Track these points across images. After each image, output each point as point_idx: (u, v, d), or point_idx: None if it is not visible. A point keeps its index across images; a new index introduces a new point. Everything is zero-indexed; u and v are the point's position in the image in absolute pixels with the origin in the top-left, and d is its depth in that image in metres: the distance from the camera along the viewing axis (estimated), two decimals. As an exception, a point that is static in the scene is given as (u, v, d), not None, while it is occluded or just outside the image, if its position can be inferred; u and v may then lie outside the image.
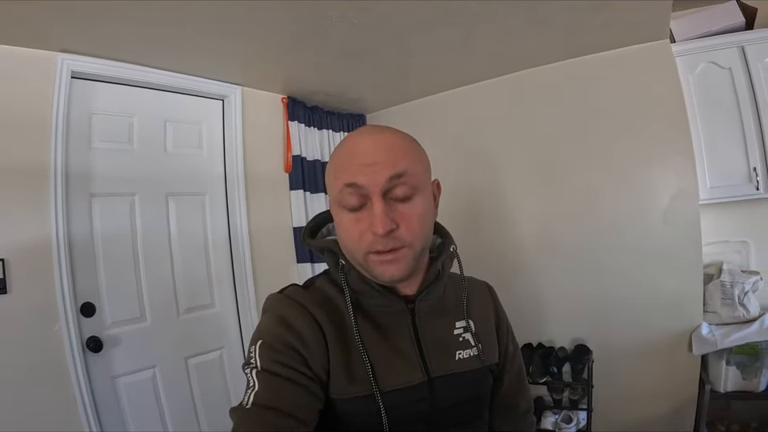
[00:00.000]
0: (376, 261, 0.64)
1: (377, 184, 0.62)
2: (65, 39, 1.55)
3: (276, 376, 0.61)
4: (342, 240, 0.68)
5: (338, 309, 0.70)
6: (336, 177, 0.65)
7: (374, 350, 0.67)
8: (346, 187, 0.63)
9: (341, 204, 0.65)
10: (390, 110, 2.67)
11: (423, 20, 1.64)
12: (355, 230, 0.64)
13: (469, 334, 0.75)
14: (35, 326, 1.51)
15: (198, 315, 1.98)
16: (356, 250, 0.65)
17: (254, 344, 0.65)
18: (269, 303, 0.70)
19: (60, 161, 1.59)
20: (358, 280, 0.69)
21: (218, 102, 2.14)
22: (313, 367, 0.64)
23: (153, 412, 1.80)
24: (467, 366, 0.73)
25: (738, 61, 1.88)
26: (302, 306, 0.67)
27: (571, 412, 2.06)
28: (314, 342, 0.65)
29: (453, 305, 0.77)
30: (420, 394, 0.68)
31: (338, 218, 0.67)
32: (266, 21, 1.56)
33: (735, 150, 1.88)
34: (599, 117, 2.09)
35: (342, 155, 0.66)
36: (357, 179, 0.62)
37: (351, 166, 0.63)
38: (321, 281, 0.74)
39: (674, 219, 1.96)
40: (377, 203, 0.62)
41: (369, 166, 0.62)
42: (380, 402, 0.64)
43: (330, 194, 0.69)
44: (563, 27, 1.81)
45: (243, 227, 2.09)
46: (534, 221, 2.25)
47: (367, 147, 0.64)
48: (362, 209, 0.64)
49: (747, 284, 1.86)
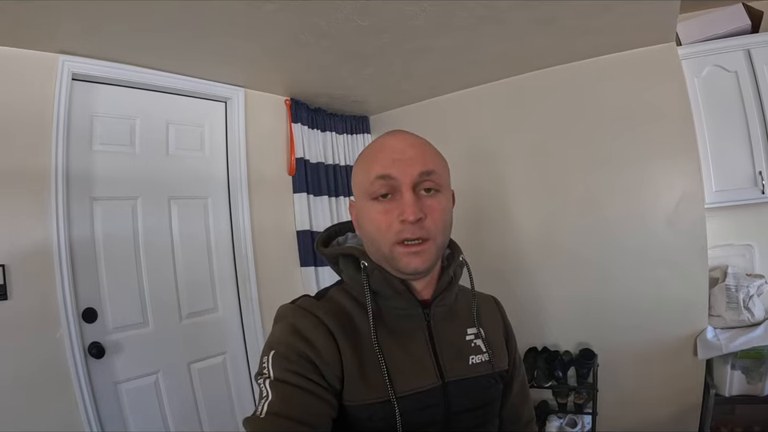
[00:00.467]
0: (402, 252, 0.67)
1: (408, 175, 0.66)
2: (65, 40, 1.53)
3: (289, 385, 0.61)
4: (369, 233, 0.69)
5: (351, 318, 0.70)
6: (368, 170, 0.68)
7: (390, 354, 0.68)
8: (378, 179, 0.67)
9: (371, 195, 0.68)
10: (393, 112, 2.65)
11: (428, 22, 1.63)
12: (384, 220, 0.67)
13: (480, 340, 0.77)
14: (36, 333, 1.49)
15: (200, 320, 1.96)
16: (383, 240, 0.67)
17: (267, 354, 0.65)
18: (281, 313, 0.71)
19: (61, 164, 1.57)
20: (380, 281, 0.70)
21: (221, 104, 2.12)
22: (326, 376, 0.64)
23: (156, 418, 1.78)
24: (480, 371, 0.74)
25: (744, 64, 1.88)
26: (315, 315, 0.68)
27: (576, 416, 2.05)
28: (327, 350, 0.65)
29: (464, 312, 0.79)
30: (434, 398, 0.69)
31: (365, 211, 0.69)
32: (270, 22, 1.54)
33: (741, 153, 1.88)
34: (604, 119, 2.09)
35: (374, 151, 0.70)
36: (389, 171, 0.66)
37: (384, 159, 0.67)
38: (334, 291, 0.75)
39: (680, 223, 1.96)
40: (407, 192, 0.66)
41: (401, 160, 0.67)
42: (396, 406, 0.65)
43: (358, 189, 0.72)
44: (569, 30, 1.80)
45: (246, 231, 2.07)
46: (539, 223, 2.24)
47: (399, 144, 0.69)
48: (391, 200, 0.67)
49: (752, 288, 1.87)
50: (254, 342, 2.05)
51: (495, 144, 2.33)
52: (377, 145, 0.71)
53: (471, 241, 2.30)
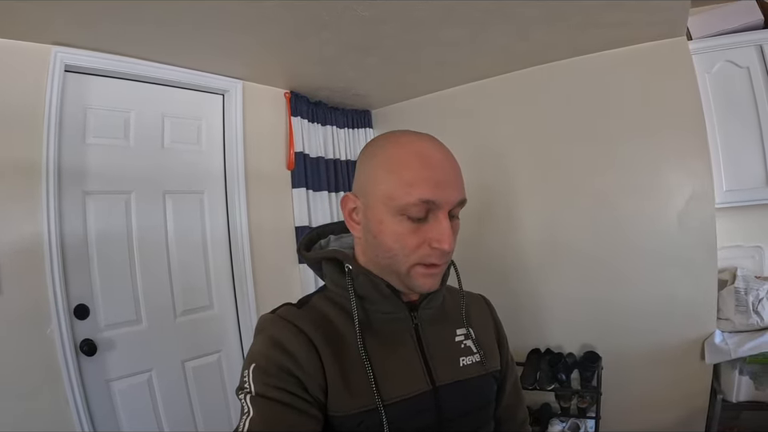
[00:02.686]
0: (421, 273, 0.65)
1: (448, 203, 0.64)
2: (58, 31, 1.49)
3: (271, 401, 0.60)
4: (387, 246, 0.65)
5: (334, 326, 0.68)
6: (411, 186, 0.62)
7: (377, 360, 0.66)
8: (421, 202, 0.62)
9: (404, 213, 0.63)
10: (396, 106, 2.60)
11: (432, 14, 1.58)
12: (412, 240, 0.63)
13: (470, 341, 0.76)
14: (27, 329, 1.46)
15: (195, 317, 1.93)
16: (404, 259, 0.64)
17: (248, 368, 0.63)
18: (260, 325, 0.68)
19: (53, 157, 1.53)
20: (366, 285, 0.68)
21: (219, 96, 2.08)
22: (309, 388, 0.62)
23: (149, 417, 1.75)
24: (471, 373, 0.73)
25: (756, 60, 1.82)
26: (295, 326, 0.65)
27: (579, 420, 2.01)
28: (309, 362, 0.63)
29: (452, 313, 0.78)
30: (425, 404, 0.67)
31: (389, 224, 0.64)
32: (269, 12, 1.49)
33: (752, 152, 1.83)
34: (612, 116, 2.03)
35: (414, 164, 0.63)
36: (434, 197, 0.62)
37: (428, 180, 0.62)
38: (317, 298, 0.73)
39: (689, 223, 1.91)
40: (444, 221, 0.63)
41: (443, 183, 0.63)
42: (383, 414, 0.63)
43: (380, 196, 0.64)
44: (576, 23, 1.75)
45: (243, 226, 2.03)
46: (544, 222, 2.19)
47: (439, 162, 0.64)
48: (423, 221, 0.64)
49: (762, 291, 1.81)
50: (249, 340, 1.97)
51: (501, 140, 2.28)
52: (416, 155, 0.64)
53: (474, 239, 2.28)
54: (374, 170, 0.66)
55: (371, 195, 0.66)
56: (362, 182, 0.68)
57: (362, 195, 0.67)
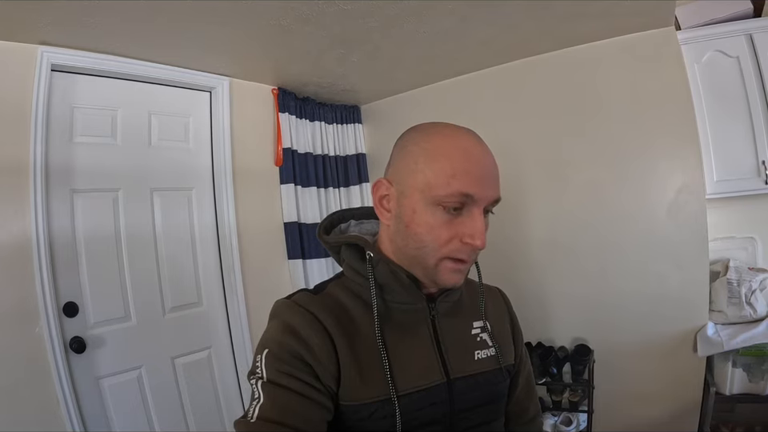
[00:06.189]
0: (449, 267, 0.64)
1: (486, 200, 0.63)
2: (45, 31, 1.49)
3: (282, 388, 0.59)
4: (419, 236, 0.63)
5: (350, 314, 0.68)
6: (453, 177, 0.60)
7: (392, 350, 0.66)
8: (460, 195, 0.61)
9: (441, 204, 0.61)
10: (384, 101, 2.59)
11: (415, 5, 1.57)
12: (445, 233, 0.62)
13: (486, 335, 0.75)
14: (15, 327, 1.46)
15: (184, 314, 1.93)
16: (434, 251, 0.63)
17: (260, 353, 0.63)
18: (275, 310, 0.68)
19: (40, 156, 1.54)
20: (386, 274, 0.67)
21: (205, 93, 2.08)
22: (321, 377, 0.62)
23: (139, 414, 1.75)
24: (486, 367, 0.72)
25: (746, 49, 1.81)
26: (310, 312, 0.65)
27: (571, 414, 2.00)
28: (322, 350, 0.62)
29: (469, 306, 0.77)
30: (439, 395, 0.66)
31: (423, 214, 0.62)
32: (250, 7, 1.49)
33: (743, 142, 1.81)
34: (601, 108, 2.02)
35: (458, 157, 0.62)
36: (474, 191, 0.61)
37: (470, 174, 0.61)
38: (332, 285, 0.72)
39: (679, 214, 1.89)
40: (479, 217, 0.62)
41: (484, 179, 0.62)
42: (396, 404, 0.62)
43: (418, 184, 0.62)
44: (562, 14, 1.74)
45: (231, 223, 2.03)
46: (534, 216, 2.17)
47: (481, 157, 0.63)
48: (457, 214, 0.62)
49: (755, 282, 1.79)
50: (239, 336, 2.01)
51: (488, 133, 2.23)
52: (457, 146, 0.63)
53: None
54: (414, 158, 0.64)
55: (408, 183, 0.64)
56: (398, 169, 0.66)
57: (396, 182, 0.65)
